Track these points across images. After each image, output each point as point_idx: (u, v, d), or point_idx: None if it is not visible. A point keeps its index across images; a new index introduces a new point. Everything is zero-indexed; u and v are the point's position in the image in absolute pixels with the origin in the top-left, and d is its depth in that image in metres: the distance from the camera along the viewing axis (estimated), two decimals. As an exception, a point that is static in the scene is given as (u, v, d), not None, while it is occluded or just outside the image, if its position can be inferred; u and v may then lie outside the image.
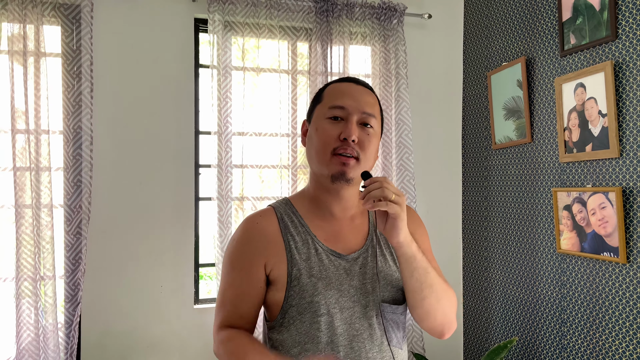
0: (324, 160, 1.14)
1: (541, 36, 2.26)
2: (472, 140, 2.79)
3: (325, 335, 1.11)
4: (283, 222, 1.18)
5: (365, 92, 1.20)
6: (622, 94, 1.84)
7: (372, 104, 1.18)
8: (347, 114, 1.15)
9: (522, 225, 2.39)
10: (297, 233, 1.17)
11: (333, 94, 1.18)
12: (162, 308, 2.40)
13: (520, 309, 2.39)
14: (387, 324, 1.16)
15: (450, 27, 2.86)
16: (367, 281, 1.16)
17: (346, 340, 1.12)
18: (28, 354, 2.13)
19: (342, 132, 1.13)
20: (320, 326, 1.11)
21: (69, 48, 2.24)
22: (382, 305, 1.15)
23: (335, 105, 1.15)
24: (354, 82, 1.21)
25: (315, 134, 1.17)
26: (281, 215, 1.20)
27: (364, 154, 1.14)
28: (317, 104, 1.21)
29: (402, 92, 2.59)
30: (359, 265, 1.17)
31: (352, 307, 1.13)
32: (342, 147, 1.12)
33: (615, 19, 1.86)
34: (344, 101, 1.15)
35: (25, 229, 2.15)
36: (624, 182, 1.84)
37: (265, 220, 1.19)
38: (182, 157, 2.45)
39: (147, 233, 2.39)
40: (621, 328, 1.87)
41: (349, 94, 1.17)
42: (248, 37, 2.49)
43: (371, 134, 1.16)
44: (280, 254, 1.14)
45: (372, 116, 1.17)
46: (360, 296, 1.14)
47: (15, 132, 2.15)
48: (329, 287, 1.13)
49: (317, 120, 1.18)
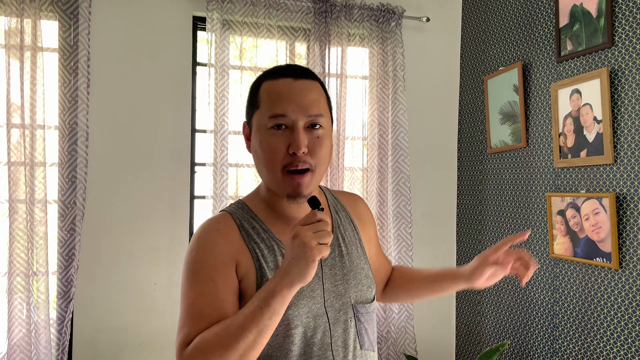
0: (276, 180, 1.03)
1: (538, 42, 2.27)
2: (468, 143, 2.80)
3: (298, 347, 1.03)
4: (244, 229, 1.06)
5: (307, 87, 1.04)
6: (618, 100, 1.86)
7: (316, 100, 1.04)
8: (291, 122, 1.01)
9: (515, 229, 2.40)
10: (261, 240, 1.06)
11: (270, 99, 1.03)
12: (155, 306, 2.40)
13: (513, 313, 2.40)
14: (361, 326, 1.10)
15: (448, 31, 2.88)
16: (339, 282, 1.09)
17: (320, 350, 1.04)
18: (19, 349, 2.12)
19: (290, 145, 1.00)
20: (294, 339, 1.02)
21: (66, 43, 2.23)
22: (356, 306, 1.09)
23: (275, 114, 1.01)
24: (292, 75, 1.04)
25: (259, 148, 1.03)
26: (240, 221, 1.07)
27: (317, 160, 1.02)
28: (255, 109, 1.06)
29: (399, 95, 2.60)
30: (328, 267, 1.09)
31: (324, 314, 1.06)
32: (292, 164, 1.00)
33: (612, 25, 1.88)
34: (284, 107, 1.01)
35: (18, 224, 2.14)
36: (618, 188, 1.86)
37: (225, 227, 1.06)
38: (178, 155, 2.45)
39: (142, 230, 2.39)
40: (612, 333, 1.88)
41: (288, 96, 1.02)
42: (246, 36, 2.49)
43: (322, 136, 1.03)
44: (247, 263, 1.03)
45: (319, 116, 1.03)
46: (333, 300, 1.07)
47: (10, 126, 2.14)
48: (300, 297, 1.03)
49: (258, 130, 1.04)
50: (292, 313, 1.02)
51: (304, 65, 1.14)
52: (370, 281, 1.15)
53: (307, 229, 0.90)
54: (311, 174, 1.02)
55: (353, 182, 2.63)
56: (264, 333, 0.92)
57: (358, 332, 1.09)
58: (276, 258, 1.05)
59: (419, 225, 2.76)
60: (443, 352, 2.84)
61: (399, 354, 2.57)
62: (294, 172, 1.01)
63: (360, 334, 1.10)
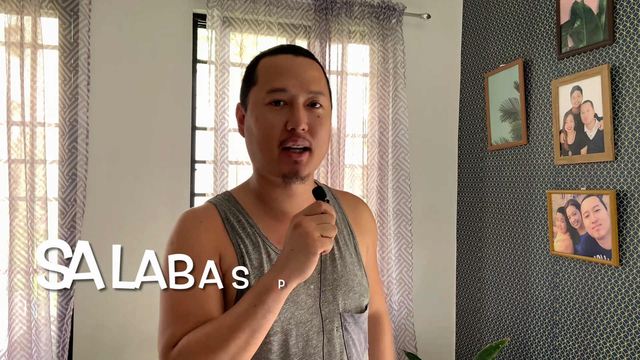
0: (271, 158, 0.95)
1: (539, 39, 2.27)
2: (468, 141, 2.80)
3: (277, 357, 0.94)
4: (229, 222, 0.99)
5: (308, 64, 0.99)
6: (618, 97, 1.85)
7: (318, 79, 0.98)
8: (290, 97, 0.95)
9: (516, 226, 2.40)
10: (246, 235, 0.98)
11: (269, 73, 0.97)
12: (155, 303, 2.39)
13: (513, 310, 2.41)
14: (348, 338, 1.00)
15: (449, 28, 2.87)
16: (327, 288, 0.99)
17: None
18: (20, 347, 2.13)
19: (289, 121, 0.93)
20: (272, 347, 0.94)
21: (66, 40, 2.23)
22: (344, 315, 1.00)
23: (274, 88, 0.95)
24: (292, 52, 1.00)
25: (255, 126, 0.96)
26: (225, 214, 1.00)
27: (317, 141, 0.96)
28: (252, 86, 0.99)
29: (399, 92, 2.60)
30: (317, 271, 0.99)
31: (309, 321, 0.97)
32: (290, 140, 0.93)
33: (613, 22, 1.87)
34: (284, 81, 0.95)
35: (19, 221, 2.14)
36: (618, 185, 1.85)
37: (208, 219, 0.98)
38: (178, 153, 2.45)
39: (142, 228, 2.39)
40: (612, 330, 1.88)
41: (289, 70, 0.96)
42: (246, 33, 2.48)
43: (322, 116, 0.97)
44: (231, 258, 0.95)
45: (320, 94, 0.97)
46: (319, 307, 0.98)
47: (10, 124, 2.14)
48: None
49: (254, 107, 0.97)
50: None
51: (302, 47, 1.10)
52: (363, 289, 1.05)
53: (310, 219, 0.84)
54: (309, 154, 0.95)
55: (353, 180, 2.63)
56: (258, 333, 0.85)
57: (345, 343, 1.00)
58: (261, 256, 0.97)
59: (419, 222, 2.76)
60: (443, 349, 2.84)
61: (399, 351, 2.57)
62: (292, 149, 0.94)
63: (347, 345, 1.00)
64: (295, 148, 0.94)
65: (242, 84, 1.04)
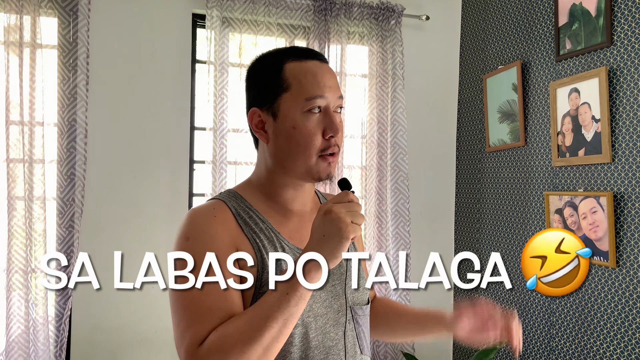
0: (309, 164, 0.98)
1: (537, 41, 2.28)
2: (466, 142, 2.81)
3: (298, 350, 0.95)
4: (241, 218, 0.99)
5: (331, 70, 1.03)
6: (616, 99, 1.86)
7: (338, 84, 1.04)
8: (325, 104, 0.98)
9: (513, 227, 2.41)
10: (260, 230, 0.99)
11: (305, 80, 0.98)
12: (153, 304, 2.40)
13: (510, 311, 2.41)
14: (360, 330, 1.03)
15: (448, 29, 2.88)
16: (337, 282, 1.02)
17: (322, 354, 0.97)
18: (18, 346, 2.12)
19: (327, 129, 0.97)
20: (293, 340, 0.94)
21: (65, 40, 2.23)
22: (354, 308, 1.03)
23: (314, 95, 0.96)
24: (318, 57, 1.02)
25: (294, 133, 0.97)
26: (235, 209, 1.00)
27: (341, 144, 1.02)
28: (283, 92, 0.98)
29: (398, 93, 2.60)
30: None
31: (325, 314, 0.99)
32: (330, 148, 0.98)
33: (611, 25, 1.88)
34: (322, 89, 0.97)
35: (17, 221, 2.14)
36: (616, 187, 1.86)
37: (221, 214, 0.98)
38: (177, 153, 2.45)
39: (141, 228, 2.39)
40: (609, 332, 1.89)
41: (322, 77, 0.99)
42: (246, 33, 2.49)
43: (341, 119, 1.02)
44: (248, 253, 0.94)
45: (341, 98, 1.03)
46: (332, 300, 1.00)
47: (9, 123, 2.14)
48: None
49: (290, 114, 0.97)
50: None
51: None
52: (364, 282, 1.07)
53: (341, 206, 0.87)
54: (337, 156, 1.01)
55: (352, 181, 2.63)
56: (289, 322, 0.85)
57: (357, 335, 1.03)
58: (276, 250, 0.97)
59: (417, 223, 2.77)
60: (441, 350, 2.85)
61: (396, 352, 2.58)
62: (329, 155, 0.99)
63: (359, 337, 1.03)
64: (330, 153, 0.99)
65: (262, 89, 1.02)
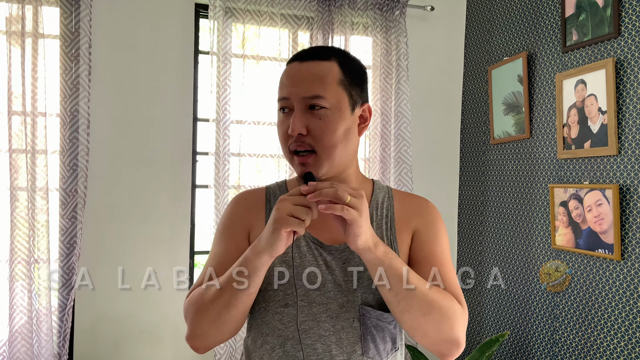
0: (289, 160, 1.03)
1: (543, 32, 2.25)
2: (471, 134, 2.79)
3: (287, 330, 1.00)
4: (269, 203, 1.09)
5: (310, 68, 1.00)
6: (623, 91, 1.84)
7: (319, 81, 0.99)
8: (291, 104, 1.00)
9: (517, 220, 2.40)
10: None
11: (280, 83, 1.04)
12: (156, 295, 2.40)
13: (513, 304, 2.41)
14: (366, 331, 1.00)
15: (453, 20, 2.85)
16: (349, 279, 1.02)
17: (311, 340, 0.99)
18: (21, 336, 2.13)
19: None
20: (282, 318, 1.00)
21: (67, 30, 2.21)
22: (363, 308, 1.01)
23: (279, 97, 1.02)
24: (299, 58, 1.03)
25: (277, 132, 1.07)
26: (269, 195, 1.11)
27: (320, 144, 0.98)
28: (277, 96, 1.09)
29: (402, 85, 2.58)
30: (342, 260, 1.03)
31: (324, 304, 1.00)
32: (294, 144, 0.99)
33: (619, 16, 1.86)
34: (286, 90, 1.01)
35: (20, 211, 2.14)
36: (621, 179, 1.85)
37: (253, 197, 1.12)
38: (180, 144, 2.44)
39: (143, 219, 2.38)
40: (613, 324, 1.88)
41: (291, 78, 1.01)
42: (249, 24, 2.47)
43: (325, 117, 0.98)
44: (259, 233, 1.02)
45: (317, 97, 0.98)
46: (337, 294, 1.01)
47: (11, 113, 2.13)
48: (299, 277, 1.01)
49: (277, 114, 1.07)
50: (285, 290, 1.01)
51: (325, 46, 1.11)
52: None
53: (287, 200, 0.89)
54: (315, 156, 0.98)
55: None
56: (238, 296, 0.94)
57: (362, 336, 1.00)
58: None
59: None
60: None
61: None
62: (298, 153, 1.00)
63: (364, 339, 1.00)
64: (301, 151, 0.99)
65: None
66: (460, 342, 0.97)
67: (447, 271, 1.04)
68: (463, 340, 0.98)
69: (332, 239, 1.05)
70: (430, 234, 1.08)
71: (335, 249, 1.04)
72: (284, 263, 1.03)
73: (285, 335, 1.00)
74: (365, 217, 0.89)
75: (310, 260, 1.03)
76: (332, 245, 1.04)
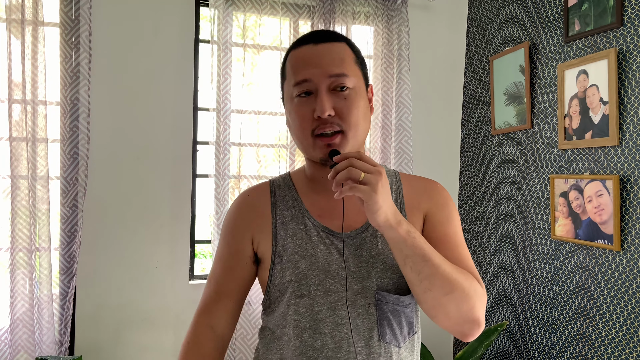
0: (308, 145, 1.01)
1: (545, 22, 2.24)
2: (472, 124, 2.78)
3: (304, 320, 1.00)
4: (274, 197, 1.10)
5: (328, 48, 1.01)
6: (625, 82, 1.83)
7: (340, 60, 1.00)
8: (314, 86, 0.99)
9: (517, 210, 2.40)
10: (287, 207, 1.07)
11: (294, 67, 1.02)
12: (157, 283, 2.41)
13: (512, 294, 2.42)
14: (383, 316, 1.00)
15: (455, 10, 2.83)
16: (363, 265, 1.01)
17: (328, 328, 0.99)
18: (22, 324, 2.14)
19: (315, 110, 0.98)
20: (298, 308, 1.00)
21: (67, 18, 2.21)
22: (379, 293, 1.00)
23: (298, 80, 1.00)
24: (313, 40, 1.02)
25: (291, 118, 1.04)
26: (274, 189, 1.11)
27: (347, 124, 0.98)
28: (284, 81, 1.06)
29: (403, 74, 2.57)
30: (354, 246, 1.02)
31: (339, 292, 1.00)
32: (320, 127, 0.98)
33: (622, 5, 1.85)
34: (306, 72, 0.99)
35: (20, 199, 2.14)
36: (622, 170, 1.84)
37: (256, 193, 1.12)
38: (180, 133, 2.44)
39: (144, 208, 2.39)
40: (612, 315, 1.89)
41: (310, 60, 1.00)
42: (249, 13, 2.45)
43: (350, 97, 0.99)
44: (266, 229, 1.06)
45: (343, 76, 0.99)
46: (352, 280, 1.00)
47: (11, 102, 2.12)
48: (313, 267, 1.01)
49: (288, 101, 1.04)
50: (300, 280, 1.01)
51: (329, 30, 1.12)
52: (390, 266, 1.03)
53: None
54: (342, 136, 0.99)
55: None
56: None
57: (379, 321, 1.00)
58: (297, 226, 1.05)
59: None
60: (442, 331, 2.86)
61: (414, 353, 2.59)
62: (323, 135, 0.99)
63: (381, 324, 1.00)
64: (327, 133, 0.98)
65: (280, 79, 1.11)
66: (481, 322, 0.97)
67: (462, 252, 1.03)
68: (483, 319, 0.98)
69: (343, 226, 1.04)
70: (443, 216, 1.07)
71: (346, 235, 1.03)
72: (295, 254, 1.03)
73: (302, 326, 1.00)
74: (382, 192, 0.88)
75: (322, 249, 1.03)
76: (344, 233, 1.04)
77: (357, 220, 1.05)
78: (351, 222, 1.04)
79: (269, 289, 1.05)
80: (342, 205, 1.02)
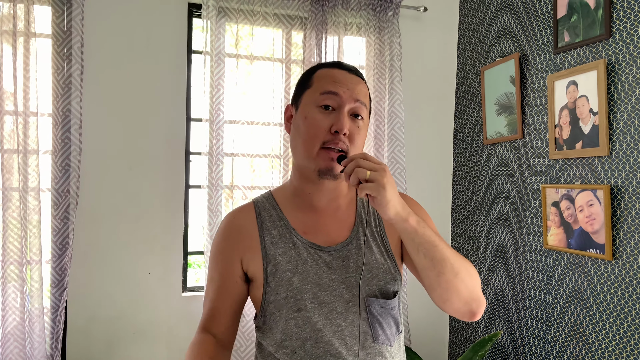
0: (311, 153, 1.07)
1: (535, 33, 2.27)
2: (464, 134, 2.80)
3: (304, 332, 1.07)
4: (260, 218, 1.14)
5: (359, 81, 1.13)
6: (614, 92, 1.86)
7: (364, 93, 1.12)
8: (339, 103, 1.08)
9: (510, 220, 2.41)
10: (275, 227, 1.13)
11: (325, 79, 1.10)
12: (149, 295, 2.39)
13: (506, 303, 2.42)
14: (374, 320, 1.09)
15: (446, 21, 2.86)
16: (351, 275, 1.10)
17: (327, 337, 1.06)
18: (13, 337, 2.12)
19: (334, 124, 1.06)
20: (297, 322, 1.07)
21: (59, 29, 2.20)
22: (368, 299, 1.09)
23: (328, 90, 1.08)
24: (346, 69, 1.14)
25: (303, 123, 1.09)
26: (259, 210, 1.16)
27: (354, 147, 1.08)
28: (306, 89, 1.13)
29: (395, 85, 2.59)
30: (341, 259, 1.11)
31: (332, 302, 1.08)
32: (332, 142, 1.06)
33: (610, 17, 1.87)
34: (337, 87, 1.08)
35: (12, 212, 2.12)
36: (612, 180, 1.86)
37: (243, 215, 1.16)
38: (173, 144, 2.43)
39: (136, 219, 2.37)
40: (604, 324, 1.90)
41: (342, 80, 1.10)
42: (242, 23, 2.46)
43: (361, 127, 1.10)
44: (255, 250, 1.11)
45: (364, 105, 1.10)
46: (342, 290, 1.09)
47: (3, 113, 2.11)
48: (305, 282, 1.08)
49: (306, 107, 1.10)
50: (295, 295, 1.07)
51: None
52: (390, 277, 1.13)
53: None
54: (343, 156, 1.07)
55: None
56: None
57: (371, 325, 1.09)
58: (286, 245, 1.11)
59: (414, 215, 2.76)
60: (437, 341, 2.86)
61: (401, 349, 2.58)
62: (331, 149, 1.06)
63: (373, 327, 1.09)
64: (334, 148, 1.06)
65: (296, 88, 1.17)
66: (483, 298, 1.07)
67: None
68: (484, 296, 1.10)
69: (329, 240, 1.12)
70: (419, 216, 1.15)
71: (333, 249, 1.11)
72: (288, 271, 1.09)
73: (303, 337, 1.07)
74: (389, 188, 0.94)
75: (312, 264, 1.10)
76: (330, 247, 1.12)
77: (341, 234, 1.14)
78: (334, 237, 1.13)
79: (264, 306, 1.11)
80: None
